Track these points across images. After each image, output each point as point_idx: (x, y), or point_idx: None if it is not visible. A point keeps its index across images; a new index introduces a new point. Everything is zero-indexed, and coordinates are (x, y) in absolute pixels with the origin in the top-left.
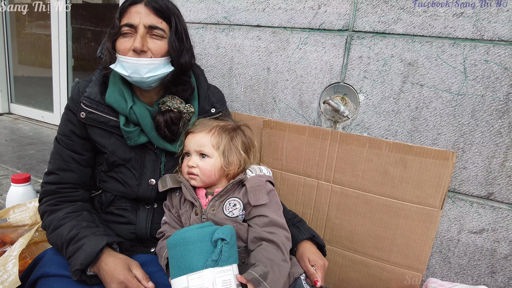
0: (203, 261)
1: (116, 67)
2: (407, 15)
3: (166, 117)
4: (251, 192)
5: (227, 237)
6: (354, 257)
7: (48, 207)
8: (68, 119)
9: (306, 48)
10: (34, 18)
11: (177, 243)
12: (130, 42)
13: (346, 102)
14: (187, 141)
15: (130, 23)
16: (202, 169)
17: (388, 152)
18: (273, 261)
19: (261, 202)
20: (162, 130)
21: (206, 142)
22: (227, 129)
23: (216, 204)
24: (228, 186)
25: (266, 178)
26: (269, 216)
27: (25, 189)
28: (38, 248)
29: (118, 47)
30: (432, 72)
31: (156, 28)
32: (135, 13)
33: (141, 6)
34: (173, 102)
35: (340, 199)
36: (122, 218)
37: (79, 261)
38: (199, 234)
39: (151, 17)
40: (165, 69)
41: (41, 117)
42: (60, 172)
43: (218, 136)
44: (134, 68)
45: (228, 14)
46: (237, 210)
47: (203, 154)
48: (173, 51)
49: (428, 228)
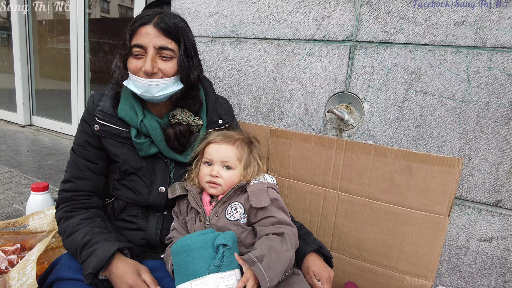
0: (205, 267)
1: (128, 84)
2: (409, 24)
3: (175, 129)
4: (252, 195)
5: (228, 242)
6: (362, 265)
7: (64, 213)
8: (84, 130)
9: (311, 58)
10: (55, 34)
11: (180, 251)
12: (140, 63)
13: (351, 111)
14: (211, 150)
15: (140, 44)
16: (226, 179)
17: (394, 159)
18: (272, 247)
19: (263, 204)
20: (172, 142)
21: (232, 154)
22: (246, 142)
23: (219, 210)
24: (230, 192)
25: (267, 184)
26: (277, 216)
27: (44, 197)
28: (55, 253)
29: (129, 66)
30: (436, 80)
31: (165, 49)
32: (145, 34)
33: (150, 27)
34: (183, 116)
35: (347, 207)
36: (133, 225)
37: (91, 265)
38: (201, 240)
39: (161, 38)
40: (175, 87)
41: (60, 129)
42: (75, 180)
43: (241, 148)
44: (146, 88)
45: (235, 28)
46: (238, 214)
47: (227, 166)
48: (182, 70)
49: (436, 235)
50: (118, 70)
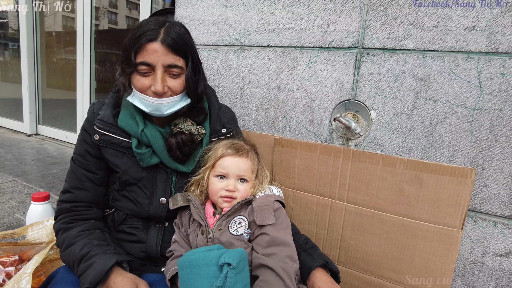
0: (208, 286)
1: (134, 101)
2: (417, 30)
3: (177, 139)
4: (257, 211)
5: (233, 261)
6: (371, 279)
7: (62, 225)
8: (84, 139)
9: (316, 66)
10: (62, 44)
11: (184, 265)
12: (148, 81)
13: (358, 119)
14: (226, 164)
15: (147, 62)
16: (242, 193)
17: (403, 169)
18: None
19: (267, 222)
20: (173, 151)
21: (248, 167)
22: (254, 151)
23: (223, 224)
24: (236, 206)
25: (274, 198)
26: (270, 234)
27: (44, 207)
28: (53, 265)
29: (135, 84)
30: (446, 87)
31: (174, 67)
32: (152, 52)
33: (157, 44)
34: (185, 125)
35: (354, 219)
36: (133, 237)
37: (88, 279)
38: (205, 257)
39: (169, 56)
40: (183, 102)
41: (65, 138)
42: (74, 191)
43: (254, 160)
44: (155, 107)
45: (239, 36)
46: (242, 228)
47: (243, 179)
48: (190, 86)
49: (449, 249)
50: (122, 86)
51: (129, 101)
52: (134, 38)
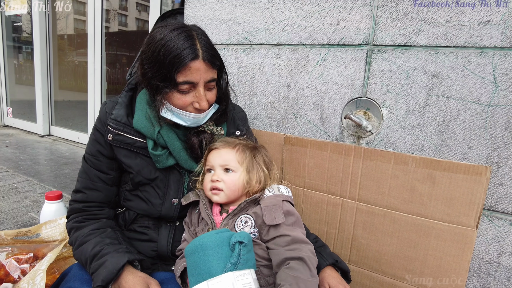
0: (222, 265)
1: (172, 117)
2: (429, 26)
3: (200, 138)
4: (266, 211)
5: (244, 239)
6: (383, 279)
7: (75, 224)
8: (96, 139)
9: (326, 64)
10: (74, 47)
11: (195, 250)
12: (189, 97)
13: (369, 117)
14: (211, 156)
15: (191, 81)
16: (227, 182)
17: (415, 167)
18: (299, 278)
19: (277, 222)
20: (196, 150)
21: (232, 157)
22: (249, 147)
23: (229, 222)
24: (242, 205)
25: (283, 197)
26: (291, 234)
27: (57, 206)
28: (66, 263)
29: (175, 102)
30: (459, 84)
31: (212, 80)
32: (195, 70)
33: (200, 62)
34: (207, 124)
35: (366, 218)
36: (144, 236)
37: (100, 277)
38: (217, 239)
39: (209, 72)
40: (213, 109)
41: (77, 138)
42: (86, 191)
43: (242, 152)
44: (195, 121)
45: (248, 35)
46: (248, 228)
47: (228, 169)
48: (224, 94)
49: (463, 249)
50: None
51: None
52: (173, 55)
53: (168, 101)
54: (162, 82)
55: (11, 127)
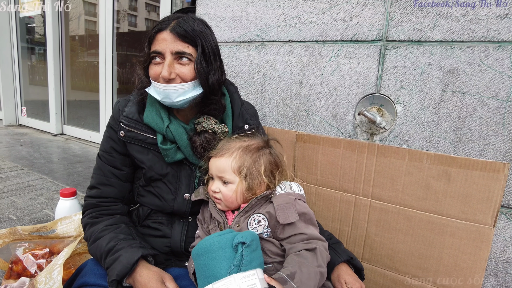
0: (226, 268)
1: (150, 91)
2: (445, 20)
3: (201, 138)
4: (279, 210)
5: (247, 240)
6: (396, 277)
7: (90, 219)
8: (109, 136)
9: (339, 60)
10: (86, 48)
11: (199, 253)
12: (159, 68)
13: (383, 113)
14: (210, 165)
15: (157, 50)
16: (224, 195)
17: (430, 164)
18: (303, 263)
19: (291, 220)
20: (197, 150)
21: (227, 167)
22: (251, 149)
23: (241, 220)
24: (253, 202)
25: (295, 196)
26: (306, 232)
27: (72, 202)
28: (81, 258)
29: (150, 73)
30: (475, 79)
31: (182, 53)
32: (162, 40)
33: (166, 32)
34: (208, 123)
35: (379, 215)
36: (158, 232)
37: (115, 272)
38: (219, 241)
39: (177, 43)
40: (195, 91)
41: (89, 137)
42: (101, 187)
43: (239, 159)
44: (165, 93)
45: (260, 32)
46: (262, 227)
47: (224, 181)
48: (200, 74)
49: (480, 247)
50: (138, 78)
51: (153, 98)
52: (149, 31)
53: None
54: (142, 56)
55: (26, 126)
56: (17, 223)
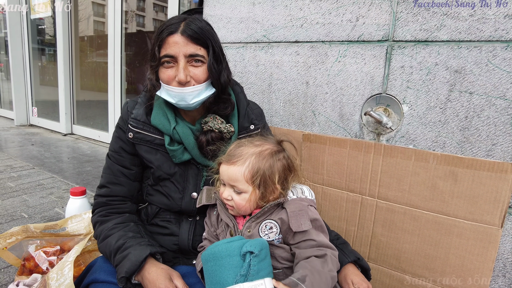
0: (233, 276)
1: (162, 94)
2: (452, 20)
3: (207, 137)
4: (292, 217)
5: (255, 249)
6: (403, 277)
7: (99, 217)
8: (118, 136)
9: (345, 60)
10: (95, 48)
11: (208, 258)
12: (172, 72)
13: (389, 113)
14: (221, 171)
15: (169, 54)
16: (237, 203)
17: (436, 164)
18: (314, 268)
19: (303, 228)
20: (204, 149)
21: (239, 177)
22: (264, 156)
23: (252, 225)
24: (266, 208)
25: (308, 202)
26: (316, 239)
27: (81, 201)
28: (91, 256)
29: (161, 76)
30: (483, 79)
31: (195, 56)
32: (173, 44)
33: (178, 35)
34: (214, 123)
35: (385, 215)
36: (166, 230)
37: (124, 269)
38: (227, 248)
39: (190, 46)
40: (208, 91)
41: (97, 137)
42: (110, 186)
43: (252, 169)
44: (180, 96)
45: (267, 32)
46: (273, 234)
47: (237, 191)
48: (213, 75)
49: (487, 248)
50: (150, 82)
51: (161, 101)
52: (158, 34)
53: (160, 78)
54: (152, 60)
55: (36, 126)
56: (29, 221)
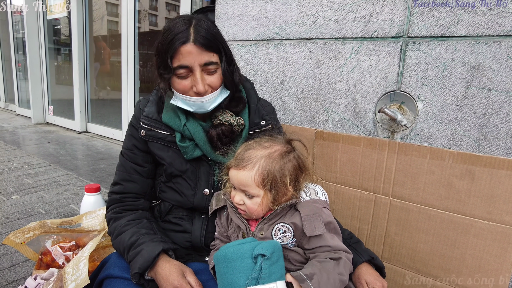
0: (244, 279)
1: (177, 103)
2: (469, 15)
3: (218, 130)
4: (306, 221)
5: (267, 252)
6: (417, 277)
7: (113, 214)
8: (131, 134)
9: (359, 57)
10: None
11: (219, 260)
12: (188, 82)
13: (404, 111)
14: (231, 176)
15: (184, 64)
16: (249, 208)
17: (452, 163)
18: (324, 268)
19: (317, 233)
20: (215, 142)
21: (250, 182)
22: (274, 158)
23: (264, 227)
24: (278, 210)
25: (321, 204)
26: (331, 245)
27: (96, 198)
28: (105, 252)
29: (176, 87)
30: (502, 75)
31: (210, 64)
32: (187, 54)
33: (190, 45)
34: (224, 116)
35: (400, 214)
36: (179, 227)
37: (137, 265)
38: (239, 250)
39: (204, 55)
40: (223, 95)
41: (111, 135)
42: (124, 183)
43: (262, 172)
44: (199, 105)
45: (279, 30)
46: (287, 238)
47: (248, 195)
48: (227, 78)
49: (506, 249)
50: (163, 92)
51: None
52: (167, 42)
53: (173, 87)
54: (164, 69)
55: (52, 124)
56: (45, 216)
